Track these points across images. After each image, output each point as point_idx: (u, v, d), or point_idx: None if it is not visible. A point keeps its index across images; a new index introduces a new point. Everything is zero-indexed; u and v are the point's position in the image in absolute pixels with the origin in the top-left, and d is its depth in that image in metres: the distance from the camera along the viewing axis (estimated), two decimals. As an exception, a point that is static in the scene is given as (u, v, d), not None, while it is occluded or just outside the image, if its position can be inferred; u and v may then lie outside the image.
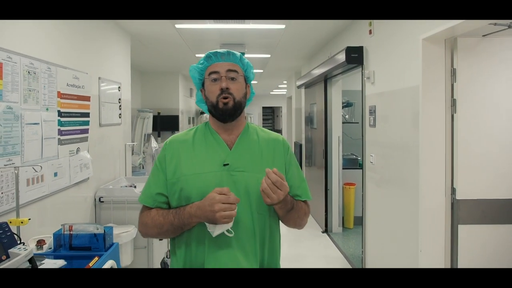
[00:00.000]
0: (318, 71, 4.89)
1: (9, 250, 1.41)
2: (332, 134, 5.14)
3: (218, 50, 1.36)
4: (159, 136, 7.55)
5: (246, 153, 1.33)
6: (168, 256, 3.91)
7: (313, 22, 4.01)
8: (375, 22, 3.34)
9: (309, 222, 5.74)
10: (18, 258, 1.39)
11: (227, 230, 1.18)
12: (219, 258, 1.25)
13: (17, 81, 2.13)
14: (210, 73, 1.32)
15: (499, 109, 2.40)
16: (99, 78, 3.39)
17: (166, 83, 7.96)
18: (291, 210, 1.29)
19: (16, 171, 1.91)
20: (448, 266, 2.48)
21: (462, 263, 2.40)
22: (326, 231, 5.19)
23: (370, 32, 3.42)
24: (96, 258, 1.78)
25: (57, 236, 1.91)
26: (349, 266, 4.02)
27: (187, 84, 9.26)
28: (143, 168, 5.75)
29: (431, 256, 2.50)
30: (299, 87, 6.66)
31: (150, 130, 6.65)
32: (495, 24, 2.17)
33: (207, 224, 1.20)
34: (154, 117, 7.13)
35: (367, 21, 3.49)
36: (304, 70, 6.94)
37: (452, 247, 2.47)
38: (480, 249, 2.39)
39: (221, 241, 1.24)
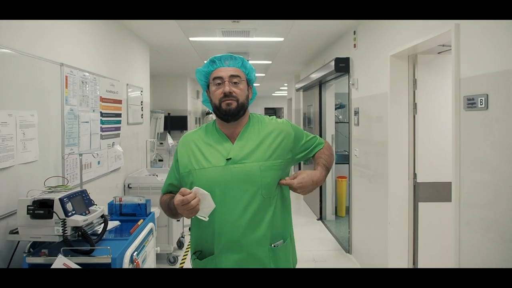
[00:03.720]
0: (313, 76, 5.53)
1: (89, 208, 2.05)
2: (326, 133, 5.78)
3: (222, 55, 1.48)
4: (169, 134, 8.19)
5: (247, 145, 1.45)
6: (183, 236, 4.57)
7: (308, 35, 4.65)
8: (358, 37, 3.98)
9: (305, 211, 6.39)
10: (96, 213, 2.04)
11: (202, 216, 1.33)
12: (228, 243, 1.40)
13: (75, 89, 2.78)
14: (214, 78, 1.45)
15: (450, 111, 3.03)
16: (127, 84, 4.04)
17: (176, 86, 8.62)
18: (329, 170, 1.52)
19: (80, 157, 2.57)
20: (411, 235, 3.12)
21: (422, 231, 3.04)
22: (320, 218, 5.83)
23: (355, 46, 4.06)
24: (141, 221, 2.42)
25: (110, 205, 2.56)
26: (338, 246, 4.66)
27: (194, 86, 9.91)
28: (156, 163, 6.40)
29: (397, 227, 3.14)
30: (297, 90, 7.30)
31: (162, 129, 7.32)
32: (443, 45, 2.81)
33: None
34: (165, 118, 7.79)
35: (352, 36, 4.13)
36: (302, 75, 7.58)
37: (414, 220, 3.10)
38: (435, 220, 3.02)
39: (230, 226, 1.39)
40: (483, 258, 1.98)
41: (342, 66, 4.25)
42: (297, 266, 1.58)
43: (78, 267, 1.80)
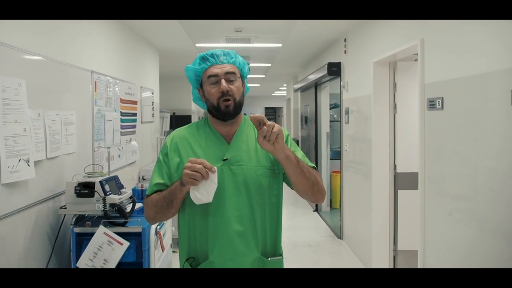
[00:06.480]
0: (310, 78, 5.99)
1: (121, 190, 2.52)
2: (322, 131, 6.24)
3: (214, 51, 1.39)
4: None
5: (243, 147, 1.39)
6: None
7: (304, 42, 5.12)
8: (348, 44, 4.44)
9: (302, 203, 6.84)
10: (126, 194, 2.50)
11: (202, 194, 1.24)
12: (221, 248, 1.33)
13: (102, 92, 3.24)
14: (209, 76, 1.35)
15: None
16: (141, 87, 4.51)
17: (180, 87, 9.08)
18: (298, 167, 1.31)
19: (108, 150, 3.03)
20: (392, 219, 3.58)
21: (400, 215, 3.50)
22: (316, 210, 6.29)
23: (345, 51, 4.52)
24: (160, 203, 2.89)
25: (133, 190, 3.02)
26: (331, 233, 5.12)
27: (197, 87, 10.35)
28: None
29: (380, 212, 3.60)
30: (295, 90, 7.77)
31: (168, 127, 7.79)
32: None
33: (190, 193, 1.26)
34: (170, 117, 8.24)
35: (343, 43, 4.59)
36: (300, 76, 8.04)
37: (394, 205, 3.57)
38: (411, 205, 3.47)
39: (223, 231, 1.33)
40: (464, 246, 2.40)
41: (334, 70, 4.72)
42: (294, 251, 1.60)
43: (116, 235, 2.26)
